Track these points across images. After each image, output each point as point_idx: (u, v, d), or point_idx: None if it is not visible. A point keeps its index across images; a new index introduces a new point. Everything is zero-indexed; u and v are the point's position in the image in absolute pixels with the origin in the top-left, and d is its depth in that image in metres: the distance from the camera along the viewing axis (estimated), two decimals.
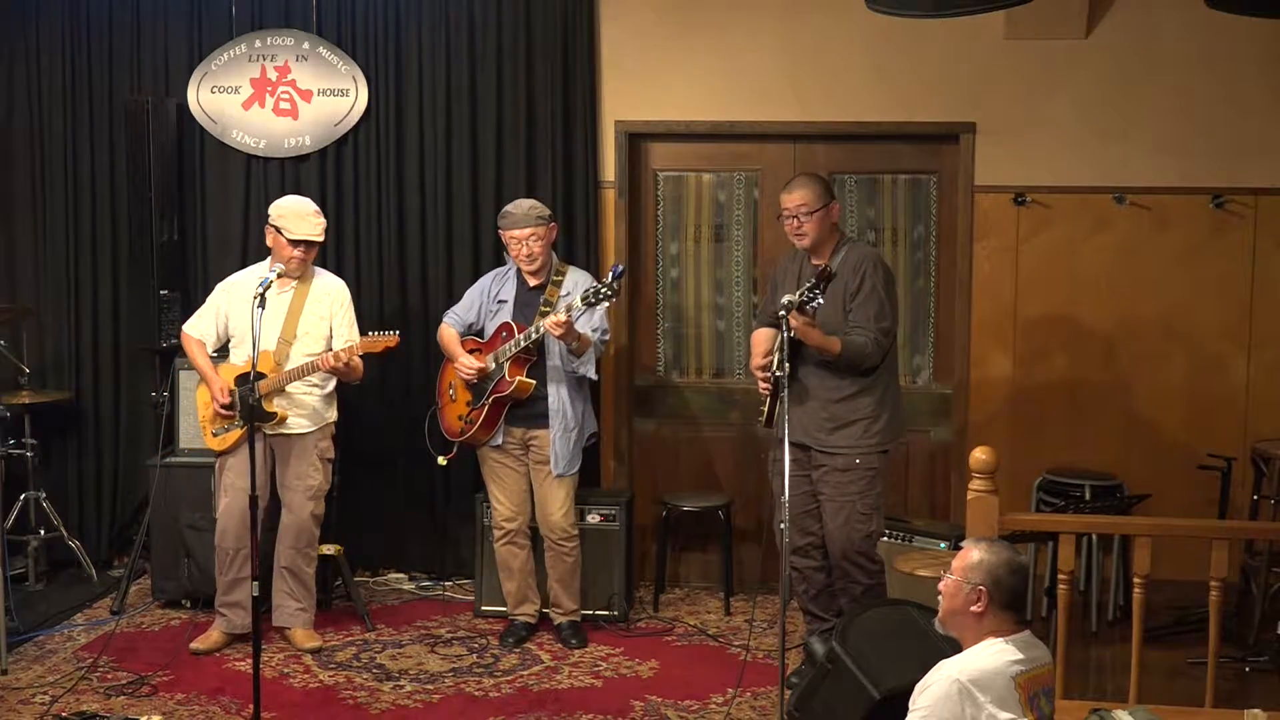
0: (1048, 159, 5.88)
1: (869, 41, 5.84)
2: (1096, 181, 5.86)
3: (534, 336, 5.18)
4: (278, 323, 5.25)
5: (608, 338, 5.44)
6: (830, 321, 4.71)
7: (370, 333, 5.29)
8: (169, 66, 6.23)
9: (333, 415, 5.43)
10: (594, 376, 5.43)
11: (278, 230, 5.23)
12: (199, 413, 5.44)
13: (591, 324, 5.28)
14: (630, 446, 6.26)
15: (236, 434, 5.25)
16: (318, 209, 5.34)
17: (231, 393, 5.25)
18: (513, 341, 5.23)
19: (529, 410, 5.33)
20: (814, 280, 4.46)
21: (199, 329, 5.41)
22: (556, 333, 5.08)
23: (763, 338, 4.96)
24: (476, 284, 5.59)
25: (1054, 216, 5.91)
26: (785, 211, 4.85)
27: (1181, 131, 5.80)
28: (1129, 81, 5.81)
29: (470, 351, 5.40)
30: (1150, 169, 5.83)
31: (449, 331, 5.50)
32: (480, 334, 5.47)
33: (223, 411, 5.26)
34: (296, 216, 5.24)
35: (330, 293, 5.38)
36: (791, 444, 4.81)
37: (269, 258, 5.36)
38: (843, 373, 4.78)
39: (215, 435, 5.32)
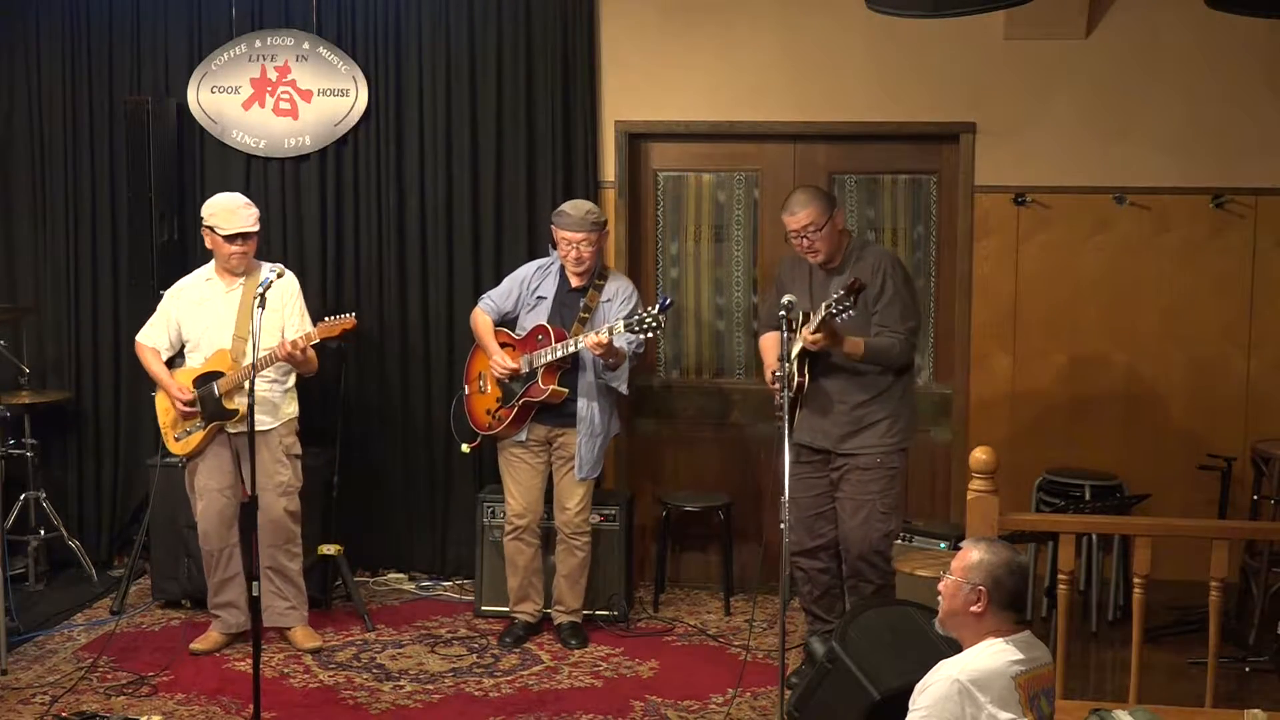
0: (1048, 159, 5.88)
1: (869, 41, 5.84)
2: (1096, 181, 5.85)
3: (571, 350, 5.17)
4: (230, 320, 5.23)
5: (641, 350, 5.38)
6: (855, 327, 4.66)
7: (326, 317, 5.22)
8: (169, 66, 6.23)
9: (293, 410, 5.37)
10: (625, 391, 5.38)
11: (211, 229, 5.21)
12: (159, 419, 5.40)
13: (626, 338, 5.25)
14: (630, 446, 6.25)
15: (199, 436, 5.24)
16: (248, 201, 5.31)
17: (192, 391, 5.24)
18: (549, 349, 5.20)
19: (557, 411, 5.32)
20: (844, 292, 4.40)
21: (152, 337, 5.37)
22: (596, 352, 5.07)
23: (774, 343, 4.93)
24: (517, 272, 5.53)
25: (1054, 216, 5.91)
26: (792, 233, 4.81)
27: (1181, 131, 5.80)
28: (1129, 81, 5.81)
29: (503, 345, 5.38)
30: (1150, 169, 5.83)
31: (484, 320, 5.45)
32: (512, 325, 5.45)
33: (185, 409, 5.23)
34: (227, 212, 5.22)
35: (279, 285, 5.32)
36: (811, 448, 4.83)
37: (211, 262, 5.34)
38: (865, 376, 4.75)
39: (178, 440, 5.29)
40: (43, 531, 6.10)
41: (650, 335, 5.06)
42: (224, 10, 6.17)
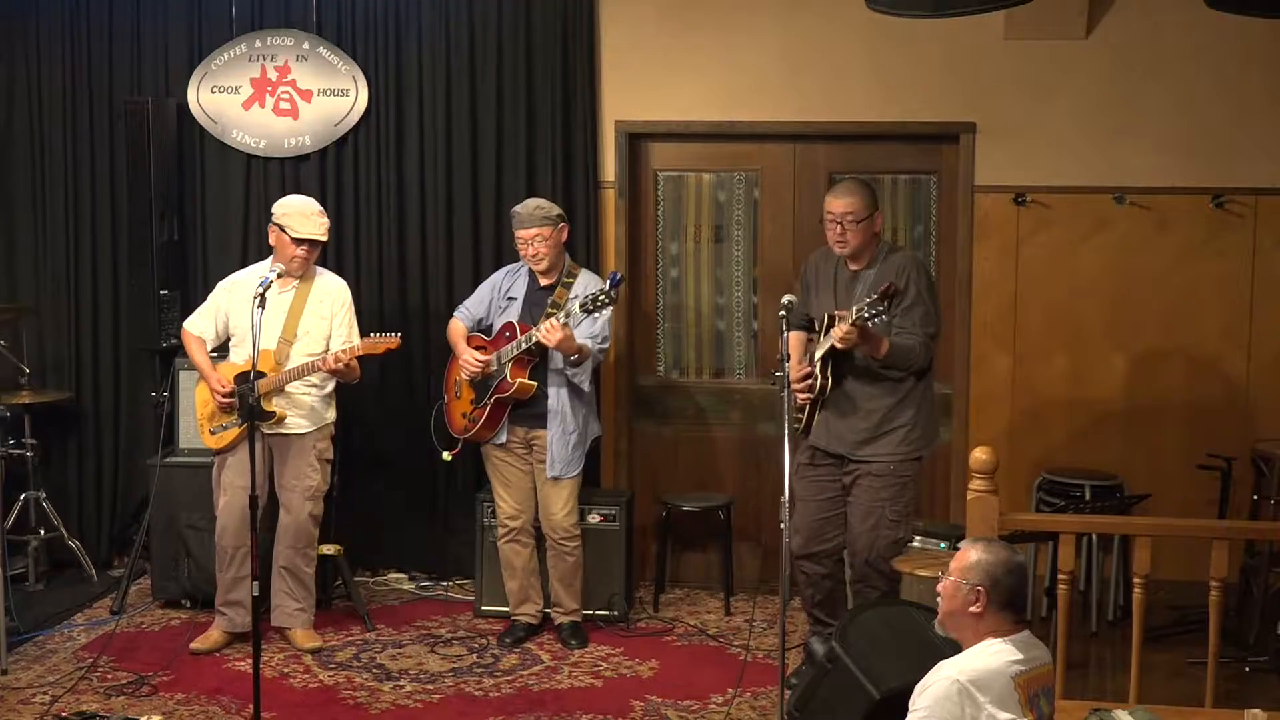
0: (1048, 159, 5.88)
1: (869, 41, 5.84)
2: (1096, 181, 5.85)
3: (531, 341, 5.17)
4: (278, 322, 5.25)
5: (607, 345, 5.40)
6: (878, 329, 4.67)
7: (372, 334, 5.28)
8: (169, 66, 6.23)
9: (331, 416, 5.42)
10: (587, 389, 5.36)
11: (281, 229, 5.23)
12: (197, 411, 5.44)
13: (591, 331, 5.27)
14: (630, 446, 6.26)
15: (234, 432, 5.25)
16: (321, 209, 5.34)
17: (232, 385, 5.25)
18: (515, 343, 5.23)
19: (531, 410, 5.33)
20: (878, 297, 4.40)
21: (199, 326, 5.41)
22: (551, 342, 5.07)
23: (796, 343, 4.93)
24: (489, 279, 5.59)
25: (1054, 216, 5.91)
26: (830, 216, 4.80)
27: (1181, 131, 5.80)
28: (1129, 81, 5.81)
29: (476, 348, 5.39)
30: (1150, 169, 5.83)
31: (457, 326, 5.49)
32: (489, 331, 5.46)
33: (223, 401, 5.25)
34: (301, 216, 5.24)
35: (332, 293, 5.38)
36: (826, 453, 4.82)
37: (270, 256, 5.36)
38: (885, 380, 4.74)
39: (213, 433, 5.32)
40: (43, 531, 6.10)
41: (607, 311, 5.11)
42: (224, 10, 6.18)
